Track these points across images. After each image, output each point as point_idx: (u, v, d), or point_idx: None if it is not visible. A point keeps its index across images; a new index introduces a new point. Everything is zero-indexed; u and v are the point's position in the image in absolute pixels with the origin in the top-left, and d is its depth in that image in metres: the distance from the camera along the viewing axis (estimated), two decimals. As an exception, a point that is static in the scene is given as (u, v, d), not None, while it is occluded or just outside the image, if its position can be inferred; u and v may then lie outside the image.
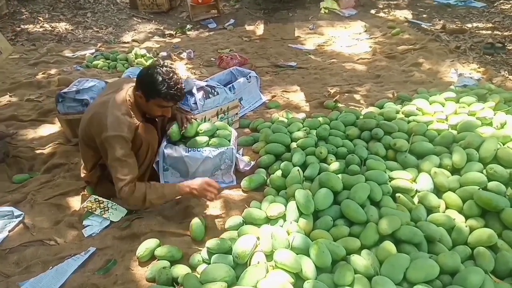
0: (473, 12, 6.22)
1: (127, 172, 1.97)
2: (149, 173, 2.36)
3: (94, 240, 2.03)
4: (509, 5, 6.30)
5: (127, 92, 2.13)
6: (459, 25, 5.63)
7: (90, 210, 2.17)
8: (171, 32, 6.22)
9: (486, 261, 1.67)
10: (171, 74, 2.01)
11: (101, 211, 2.17)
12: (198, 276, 1.68)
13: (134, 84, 2.13)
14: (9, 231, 2.09)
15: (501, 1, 6.48)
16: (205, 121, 2.60)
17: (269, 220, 2.00)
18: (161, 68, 2.02)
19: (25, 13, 6.31)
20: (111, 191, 2.31)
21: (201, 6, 6.58)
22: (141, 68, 2.13)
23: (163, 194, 2.05)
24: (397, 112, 2.81)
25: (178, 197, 2.23)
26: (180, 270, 1.75)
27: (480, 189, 1.93)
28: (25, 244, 2.01)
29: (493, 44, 4.57)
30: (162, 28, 6.41)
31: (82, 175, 2.35)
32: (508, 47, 4.61)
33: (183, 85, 2.07)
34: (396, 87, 3.71)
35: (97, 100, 2.24)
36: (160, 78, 1.98)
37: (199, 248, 1.92)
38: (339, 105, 3.33)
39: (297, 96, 3.71)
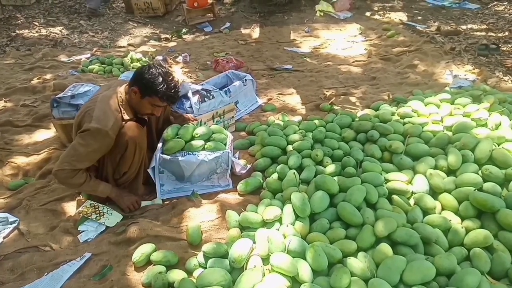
0: (467, 13, 6.26)
1: (79, 161, 2.02)
2: (144, 177, 2.36)
3: (90, 246, 2.02)
4: (503, 7, 6.34)
5: (118, 89, 2.16)
6: (453, 26, 5.66)
7: (86, 216, 2.16)
8: (167, 36, 6.22)
9: (482, 262, 1.67)
10: (170, 77, 2.09)
11: (96, 216, 2.16)
12: (194, 280, 1.68)
13: (126, 84, 2.16)
14: (4, 238, 2.08)
15: (495, 3, 6.52)
16: (200, 125, 2.59)
17: (265, 224, 1.99)
18: (162, 69, 2.09)
19: (21, 18, 6.30)
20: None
21: (196, 10, 6.59)
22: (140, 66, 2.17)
23: (95, 191, 2.18)
24: (393, 114, 2.81)
25: (167, 202, 2.34)
26: (176, 274, 1.74)
27: (476, 190, 1.94)
28: (20, 250, 2.00)
29: (487, 45, 4.59)
30: (158, 32, 6.41)
31: None
32: (503, 48, 4.63)
33: (179, 89, 2.13)
34: (391, 89, 3.72)
35: (89, 100, 2.28)
36: (161, 78, 2.04)
37: (195, 253, 1.91)
38: (335, 107, 3.34)
39: (293, 99, 3.71)
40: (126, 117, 2.10)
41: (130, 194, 2.30)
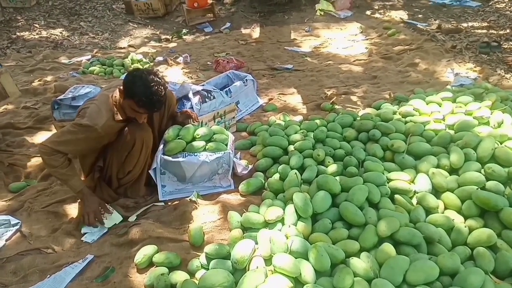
0: (468, 11, 6.24)
1: (62, 146, 1.99)
2: (146, 178, 2.36)
3: (92, 248, 2.02)
4: (504, 4, 6.32)
5: (111, 92, 2.17)
6: (454, 24, 5.64)
7: None
8: (167, 36, 6.23)
9: (486, 262, 1.66)
10: (152, 83, 1.97)
11: None
12: (197, 282, 1.67)
13: None
14: (6, 240, 2.08)
15: (496, 0, 6.50)
16: (202, 126, 2.59)
17: (267, 224, 1.99)
18: (148, 75, 2.01)
19: (21, 20, 6.31)
20: (109, 196, 2.33)
21: (197, 10, 6.59)
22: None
23: (66, 180, 2.09)
24: (394, 113, 2.80)
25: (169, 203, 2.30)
26: (179, 276, 1.74)
27: (479, 188, 1.93)
28: (22, 253, 2.00)
29: (488, 43, 4.58)
30: (158, 33, 6.42)
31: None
32: (504, 46, 4.62)
33: (161, 98, 2.03)
34: (392, 88, 3.71)
35: (90, 98, 2.30)
36: (140, 83, 1.97)
37: (197, 254, 1.90)
38: (336, 107, 3.33)
39: (294, 99, 3.70)
40: (118, 117, 2.09)
41: (101, 202, 2.19)
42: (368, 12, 6.67)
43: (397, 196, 2.06)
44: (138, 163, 2.23)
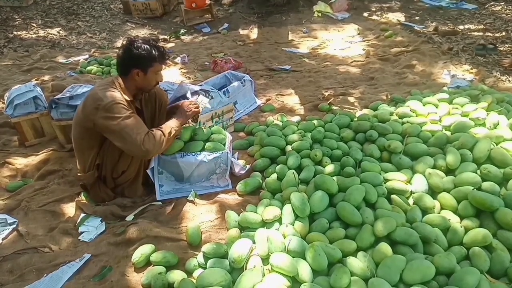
0: (464, 14, 6.29)
1: (138, 127, 2.02)
2: (143, 178, 2.36)
3: (89, 247, 2.02)
4: (500, 7, 6.37)
5: (111, 79, 2.21)
6: (451, 27, 5.68)
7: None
8: (165, 37, 6.23)
9: (482, 261, 1.67)
10: (150, 40, 2.20)
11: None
12: (194, 281, 1.67)
13: (114, 78, 2.20)
14: (3, 239, 2.08)
15: (492, 3, 6.55)
16: (199, 126, 2.59)
17: (265, 224, 1.99)
18: (140, 39, 2.16)
19: (18, 19, 6.29)
20: (106, 195, 2.33)
21: (195, 11, 6.59)
22: (119, 51, 2.18)
23: (170, 128, 2.17)
24: (391, 114, 2.82)
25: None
26: (176, 275, 1.74)
27: (475, 189, 1.94)
28: (19, 251, 1.99)
29: (485, 45, 4.62)
30: (156, 33, 6.41)
31: (78, 174, 2.33)
32: (500, 48, 4.66)
33: (161, 46, 2.23)
34: (389, 89, 3.73)
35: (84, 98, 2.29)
36: (148, 46, 2.12)
37: (195, 253, 1.91)
38: (334, 107, 3.34)
39: (292, 99, 3.72)
40: (126, 97, 2.12)
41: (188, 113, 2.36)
42: (365, 14, 6.70)
43: (393, 196, 2.07)
44: (132, 163, 2.23)
